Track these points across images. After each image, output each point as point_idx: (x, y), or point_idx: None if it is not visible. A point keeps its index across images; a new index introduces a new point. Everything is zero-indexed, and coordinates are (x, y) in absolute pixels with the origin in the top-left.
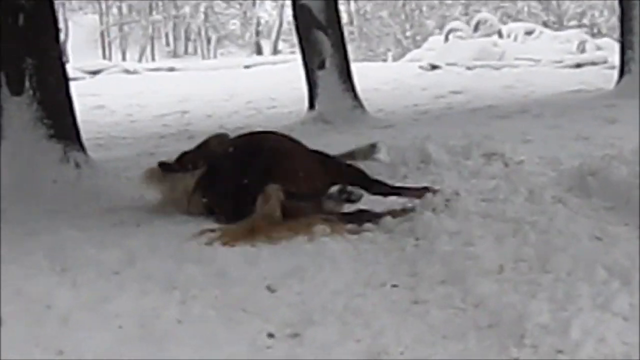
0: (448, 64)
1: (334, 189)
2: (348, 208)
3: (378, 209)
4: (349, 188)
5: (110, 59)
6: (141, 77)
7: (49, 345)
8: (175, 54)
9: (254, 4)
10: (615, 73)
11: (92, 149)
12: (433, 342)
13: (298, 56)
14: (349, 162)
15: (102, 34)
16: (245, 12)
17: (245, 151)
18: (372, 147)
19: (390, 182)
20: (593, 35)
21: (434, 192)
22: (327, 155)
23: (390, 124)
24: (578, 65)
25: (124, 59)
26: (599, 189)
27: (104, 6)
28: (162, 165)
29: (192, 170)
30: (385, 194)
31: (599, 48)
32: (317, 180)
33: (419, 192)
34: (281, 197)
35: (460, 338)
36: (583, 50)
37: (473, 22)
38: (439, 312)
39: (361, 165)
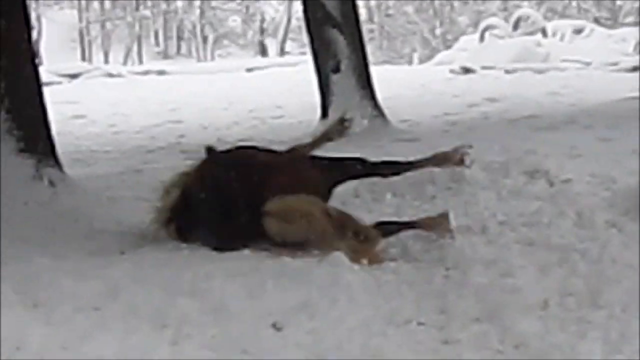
0: (483, 67)
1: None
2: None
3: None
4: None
5: (90, 60)
6: (126, 81)
7: None
8: (165, 55)
9: None
10: None
11: (69, 164)
12: None
13: (309, 58)
14: (346, 156)
15: (81, 32)
16: (247, 7)
17: (228, 171)
18: (344, 121)
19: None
20: None
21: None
22: (318, 158)
23: (416, 136)
24: (635, 69)
25: (106, 61)
26: None
27: (83, 0)
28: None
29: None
30: (397, 173)
31: None
32: (319, 187)
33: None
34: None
35: None
36: None
37: (512, 19)
38: (473, 354)
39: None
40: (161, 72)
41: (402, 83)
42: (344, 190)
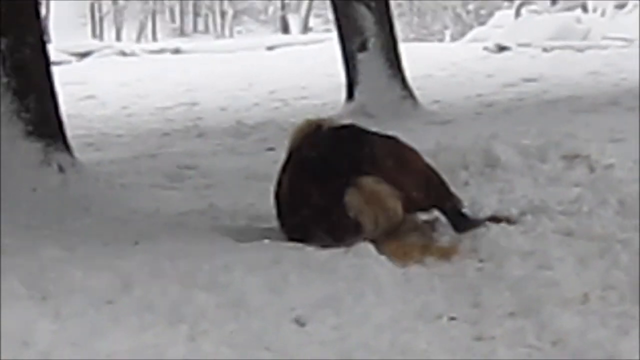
0: (519, 45)
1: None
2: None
3: None
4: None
5: (101, 38)
6: (140, 60)
7: None
8: (182, 33)
9: None
10: None
11: (79, 149)
12: None
13: (334, 35)
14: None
15: (91, 8)
16: None
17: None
18: None
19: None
20: None
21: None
22: (436, 173)
23: (448, 118)
24: None
25: (118, 38)
26: None
27: None
28: None
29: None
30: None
31: None
32: (412, 199)
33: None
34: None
35: None
36: None
37: None
38: (508, 351)
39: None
40: (177, 51)
41: (433, 62)
42: None
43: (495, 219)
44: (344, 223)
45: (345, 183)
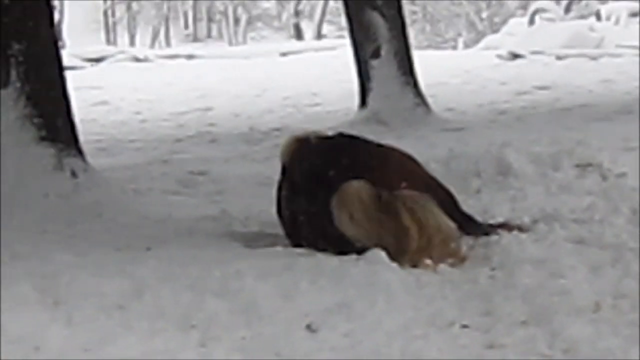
0: (533, 53)
1: None
2: None
3: None
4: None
5: (115, 43)
6: (153, 66)
7: None
8: (195, 38)
9: None
10: None
11: (92, 154)
12: None
13: (347, 42)
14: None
15: (105, 14)
16: None
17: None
18: None
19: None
20: None
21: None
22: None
23: (460, 126)
24: None
25: (132, 43)
26: None
27: None
28: None
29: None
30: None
31: None
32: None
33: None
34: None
35: None
36: None
37: (564, 1)
38: (520, 359)
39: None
40: (190, 56)
41: (446, 69)
42: None
43: (507, 227)
44: (337, 233)
45: (332, 192)
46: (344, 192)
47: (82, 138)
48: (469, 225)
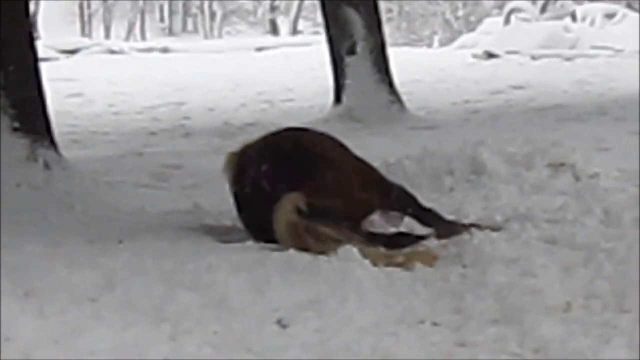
0: (508, 52)
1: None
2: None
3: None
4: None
5: (90, 36)
6: (128, 58)
7: None
8: (170, 32)
9: None
10: None
11: (65, 146)
12: None
13: (322, 38)
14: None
15: (80, 6)
16: None
17: (274, 153)
18: None
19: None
20: None
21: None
22: (375, 170)
23: (434, 124)
24: None
25: (107, 36)
26: None
27: None
28: None
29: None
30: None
31: None
32: (359, 200)
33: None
34: (301, 207)
35: None
36: None
37: (540, 1)
38: (490, 357)
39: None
40: (165, 50)
41: (421, 67)
42: None
43: (477, 226)
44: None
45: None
46: (277, 210)
47: (55, 130)
48: (430, 218)
